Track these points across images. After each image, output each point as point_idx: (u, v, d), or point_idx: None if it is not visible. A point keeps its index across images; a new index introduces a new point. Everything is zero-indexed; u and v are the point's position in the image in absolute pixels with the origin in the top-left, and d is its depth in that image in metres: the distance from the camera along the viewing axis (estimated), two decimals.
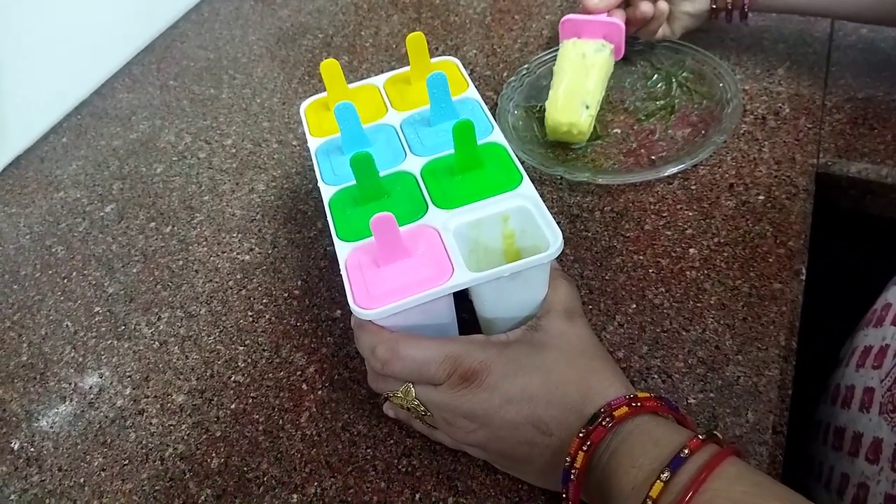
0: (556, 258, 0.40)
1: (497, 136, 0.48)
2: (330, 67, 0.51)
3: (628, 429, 0.35)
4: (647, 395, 0.37)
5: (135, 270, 0.62)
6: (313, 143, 0.51)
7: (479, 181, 0.44)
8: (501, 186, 0.44)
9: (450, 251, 0.41)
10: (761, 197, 0.56)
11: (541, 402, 0.38)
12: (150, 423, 0.51)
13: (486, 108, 0.50)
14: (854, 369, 0.48)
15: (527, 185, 0.43)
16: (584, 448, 0.35)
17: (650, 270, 0.53)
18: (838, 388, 0.50)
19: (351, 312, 0.39)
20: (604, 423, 0.35)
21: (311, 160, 0.50)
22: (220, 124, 0.75)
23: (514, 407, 0.38)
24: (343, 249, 0.42)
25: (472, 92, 0.52)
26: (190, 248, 0.63)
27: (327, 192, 0.47)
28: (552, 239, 0.40)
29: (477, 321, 0.45)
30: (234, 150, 0.71)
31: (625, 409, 0.36)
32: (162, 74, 0.84)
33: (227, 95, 0.79)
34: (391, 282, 0.40)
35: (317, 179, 0.48)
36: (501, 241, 0.45)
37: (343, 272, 0.41)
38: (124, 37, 0.88)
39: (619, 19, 0.62)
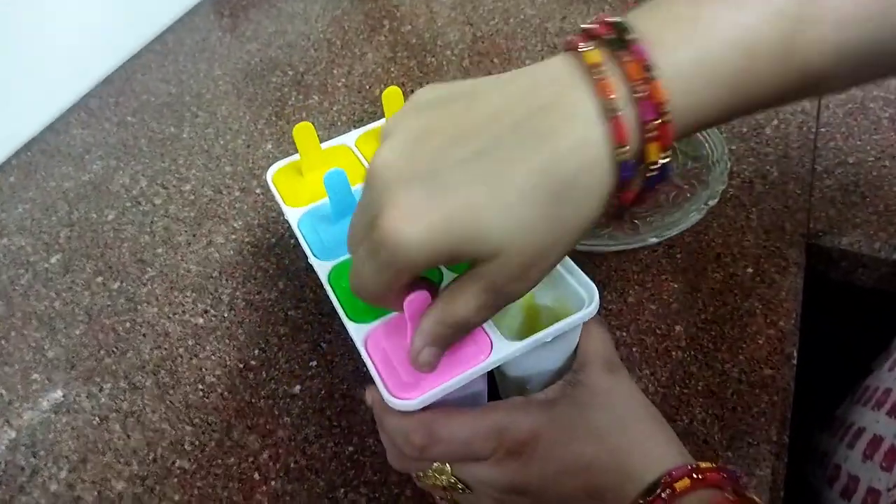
0: None
1: None
2: (303, 131, 0.47)
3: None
4: (710, 465, 0.34)
5: (78, 332, 0.57)
6: (293, 214, 0.46)
7: None
8: None
9: None
10: (750, 270, 0.53)
11: (598, 471, 0.35)
12: None
13: None
14: (860, 458, 0.45)
15: None
16: None
17: (634, 349, 0.49)
18: (839, 471, 0.47)
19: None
20: (663, 496, 0.32)
21: (277, 211, 0.46)
22: (179, 167, 0.70)
23: (570, 477, 0.35)
24: (359, 333, 0.38)
25: None
26: (139, 307, 0.58)
27: (323, 268, 0.42)
28: (585, 290, 0.38)
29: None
30: (192, 197, 0.67)
31: (686, 481, 0.33)
32: (120, 109, 0.80)
33: (188, 135, 0.74)
34: None
35: (306, 255, 0.43)
36: (519, 302, 0.42)
37: (367, 361, 0.37)
38: (83, 68, 0.83)
39: None
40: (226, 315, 0.56)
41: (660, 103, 0.28)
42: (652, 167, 0.29)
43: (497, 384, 0.43)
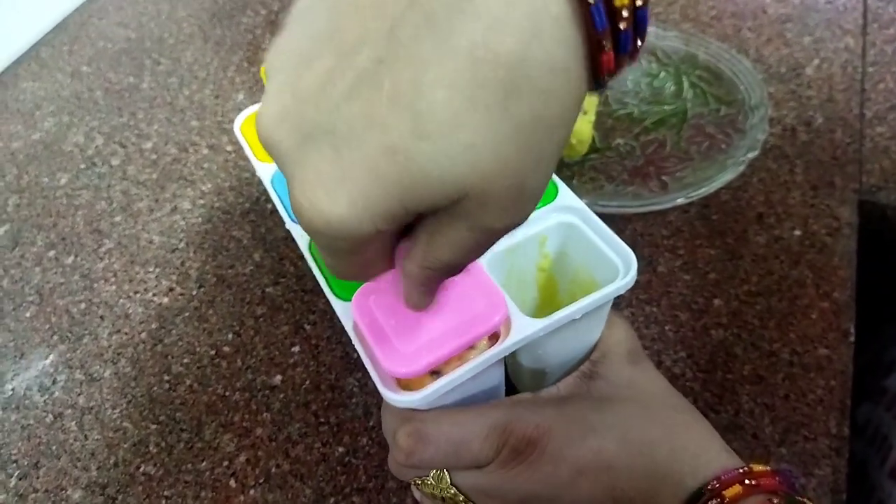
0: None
1: None
2: None
3: None
4: (764, 468, 0.28)
5: (28, 314, 0.50)
6: (265, 171, 0.38)
7: None
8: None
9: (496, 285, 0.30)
10: (797, 232, 0.46)
11: (622, 471, 0.29)
12: None
13: None
14: None
15: (567, 195, 0.34)
16: None
17: (667, 328, 0.43)
18: None
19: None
20: None
21: (251, 171, 0.38)
22: (139, 122, 0.62)
23: (589, 479, 0.29)
24: (347, 313, 0.31)
25: None
26: (95, 285, 0.50)
27: (303, 235, 0.35)
28: (621, 260, 0.31)
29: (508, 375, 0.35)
30: (154, 157, 0.59)
31: (738, 487, 0.27)
32: (74, 58, 0.71)
33: (148, 85, 0.66)
34: (427, 332, 0.28)
35: (282, 219, 0.35)
36: (535, 271, 0.36)
37: (356, 342, 0.29)
38: (34, 12, 0.74)
39: None
40: (194, 293, 0.49)
41: None
42: (622, 13, 0.19)
43: (511, 377, 0.37)
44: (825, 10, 0.61)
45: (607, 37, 0.19)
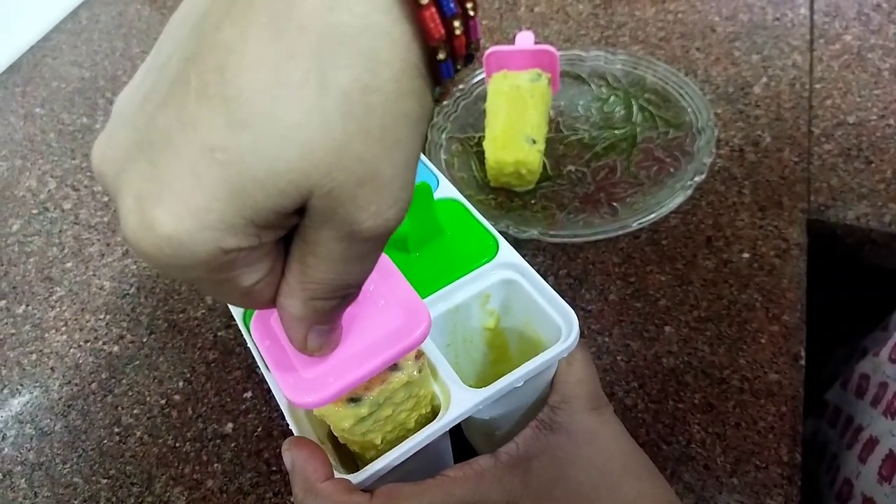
0: None
1: (447, 188, 0.37)
2: None
3: None
4: None
5: None
6: None
7: (446, 255, 0.34)
8: (476, 258, 0.33)
9: (437, 363, 0.30)
10: (745, 255, 0.46)
11: None
12: None
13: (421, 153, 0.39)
14: (875, 478, 0.39)
15: (507, 251, 0.33)
16: None
17: (619, 357, 0.42)
18: (851, 490, 0.41)
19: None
20: None
21: None
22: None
23: None
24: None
25: None
26: (46, 335, 0.50)
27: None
28: (563, 320, 0.31)
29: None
30: (105, 199, 0.58)
31: None
32: (27, 100, 0.70)
33: (101, 125, 0.65)
34: (337, 353, 0.25)
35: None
36: (481, 330, 0.35)
37: (269, 382, 0.29)
38: None
39: (551, 47, 0.51)
40: (144, 340, 0.48)
41: None
42: None
43: (461, 425, 0.36)
44: (773, 27, 0.61)
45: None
